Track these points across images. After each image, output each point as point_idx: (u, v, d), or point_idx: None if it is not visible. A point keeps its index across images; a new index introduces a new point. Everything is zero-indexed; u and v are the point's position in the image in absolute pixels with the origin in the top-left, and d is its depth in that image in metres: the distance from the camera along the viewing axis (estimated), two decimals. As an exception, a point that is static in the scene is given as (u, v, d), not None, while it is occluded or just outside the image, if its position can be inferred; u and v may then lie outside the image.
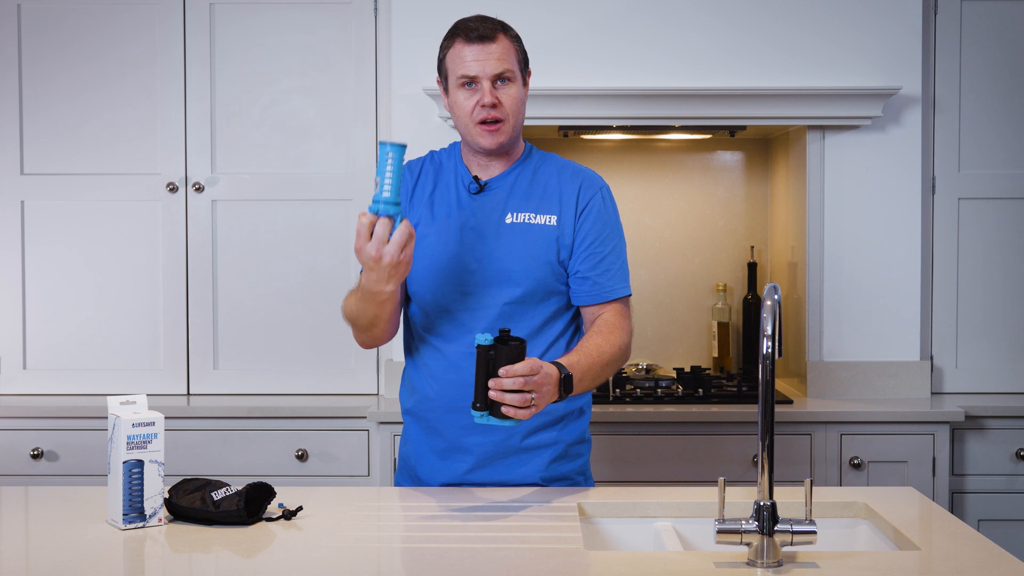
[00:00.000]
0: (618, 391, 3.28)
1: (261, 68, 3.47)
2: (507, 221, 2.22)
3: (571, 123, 3.32)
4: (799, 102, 3.27)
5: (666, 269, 3.78)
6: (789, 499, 1.99)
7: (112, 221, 3.49)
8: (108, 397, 1.92)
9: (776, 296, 1.71)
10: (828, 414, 3.12)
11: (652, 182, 3.77)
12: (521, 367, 1.90)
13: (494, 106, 2.16)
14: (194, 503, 1.92)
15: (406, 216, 2.26)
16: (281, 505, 1.97)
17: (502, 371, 1.90)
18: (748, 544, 1.70)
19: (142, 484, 1.89)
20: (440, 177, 2.29)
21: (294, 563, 1.73)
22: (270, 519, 1.95)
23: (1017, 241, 3.46)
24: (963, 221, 3.45)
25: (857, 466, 3.12)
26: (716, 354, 3.67)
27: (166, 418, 2.72)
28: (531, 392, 1.91)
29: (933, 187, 3.45)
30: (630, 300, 2.28)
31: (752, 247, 3.76)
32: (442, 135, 3.31)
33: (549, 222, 2.22)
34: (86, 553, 1.76)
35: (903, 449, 3.13)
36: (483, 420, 1.94)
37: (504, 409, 1.91)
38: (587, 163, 2.90)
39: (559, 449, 2.24)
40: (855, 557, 1.74)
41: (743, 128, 3.39)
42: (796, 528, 1.68)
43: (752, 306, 3.66)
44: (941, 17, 3.43)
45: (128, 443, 1.88)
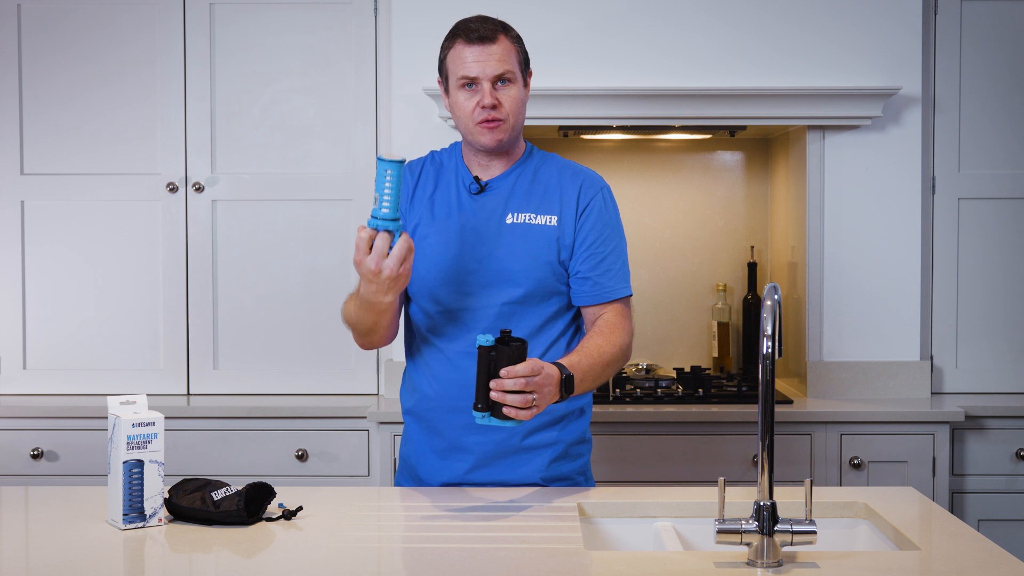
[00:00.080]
0: (618, 391, 3.28)
1: (261, 68, 3.47)
2: (507, 221, 2.22)
3: (571, 123, 3.32)
4: (799, 102, 3.27)
5: (666, 269, 3.77)
6: (789, 499, 1.99)
7: (112, 221, 3.49)
8: (108, 397, 1.92)
9: (776, 296, 1.71)
10: (828, 414, 3.12)
11: (652, 182, 3.77)
12: (522, 368, 1.90)
13: (494, 107, 2.17)
14: (194, 503, 1.92)
15: (406, 221, 2.27)
16: (281, 505, 1.97)
17: (503, 372, 1.90)
18: (748, 544, 1.70)
19: (142, 484, 1.89)
20: (441, 177, 2.29)
21: (294, 563, 1.73)
22: (270, 519, 1.95)
23: (1017, 241, 3.46)
24: (963, 221, 3.45)
25: (857, 466, 3.12)
26: (716, 354, 3.67)
27: (166, 418, 2.72)
28: (532, 393, 1.91)
29: (933, 187, 3.45)
30: (631, 300, 2.28)
31: (752, 247, 3.76)
32: (442, 135, 3.31)
33: (550, 222, 2.22)
34: (86, 553, 1.76)
35: (903, 449, 3.13)
36: (484, 421, 1.94)
37: (505, 410, 1.91)
38: (587, 163, 2.90)
39: (559, 449, 2.24)
40: (855, 557, 1.74)
41: (743, 128, 3.39)
42: (796, 528, 1.68)
43: (752, 306, 3.66)
44: (941, 17, 3.43)
45: (128, 443, 1.88)
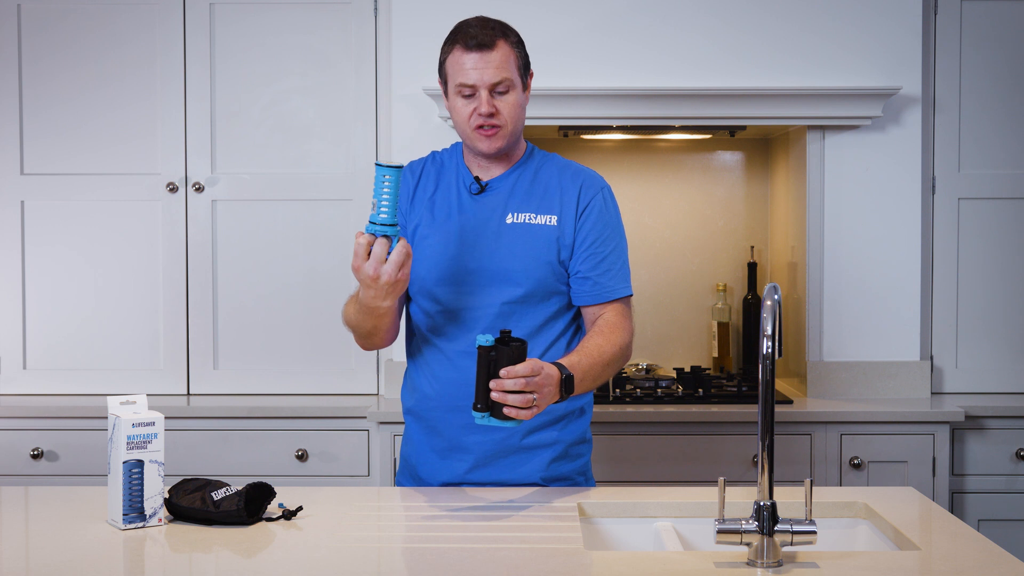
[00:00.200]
0: (618, 391, 3.28)
1: (261, 68, 3.47)
2: (508, 221, 2.22)
3: (571, 123, 3.32)
4: (799, 102, 3.27)
5: (666, 269, 3.77)
6: (789, 499, 1.99)
7: (112, 221, 3.49)
8: (108, 397, 1.92)
9: (776, 296, 1.71)
10: (828, 414, 3.12)
11: (652, 182, 3.77)
12: (522, 368, 1.90)
13: (492, 115, 2.17)
14: (194, 503, 1.92)
15: (407, 221, 2.27)
16: (281, 505, 1.97)
17: (503, 372, 1.90)
18: (748, 544, 1.70)
19: (142, 484, 1.89)
20: (442, 178, 2.29)
21: (294, 563, 1.73)
22: (270, 519, 1.95)
23: (1017, 241, 3.46)
24: (963, 221, 3.45)
25: (857, 466, 3.12)
26: (716, 354, 3.67)
27: (166, 418, 2.72)
28: (532, 393, 1.91)
29: (933, 187, 3.45)
30: (631, 300, 2.28)
31: (752, 247, 3.76)
32: (442, 135, 3.31)
33: (549, 222, 2.22)
34: (86, 553, 1.76)
35: (903, 449, 3.13)
36: (484, 421, 1.94)
37: (506, 410, 1.91)
38: (587, 163, 2.89)
39: (559, 449, 2.24)
40: (855, 557, 1.74)
41: (743, 128, 3.39)
42: (796, 528, 1.68)
43: (752, 306, 3.66)
44: (941, 17, 3.43)
45: (128, 443, 1.88)
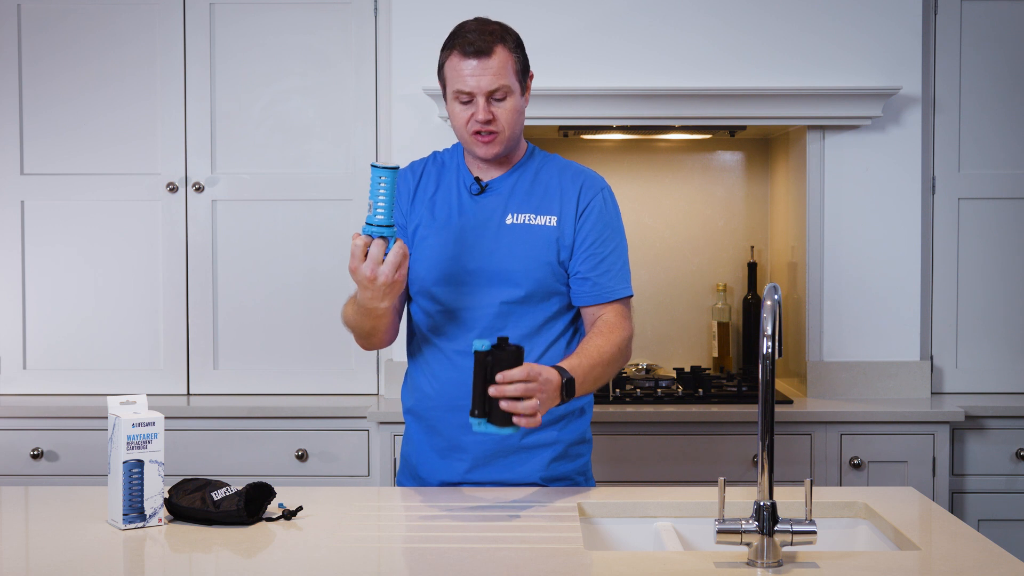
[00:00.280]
0: (618, 391, 3.28)
1: (261, 68, 3.47)
2: (507, 222, 2.22)
3: (571, 123, 3.32)
4: (799, 102, 3.27)
5: (666, 269, 3.77)
6: (789, 499, 1.99)
7: (112, 221, 3.49)
8: (108, 397, 1.92)
9: (776, 296, 1.71)
10: (828, 414, 3.12)
11: (652, 182, 3.77)
12: (518, 372, 1.90)
13: (488, 122, 2.17)
14: (194, 503, 1.92)
15: (407, 221, 2.27)
16: (281, 505, 1.97)
17: (499, 377, 1.90)
18: (748, 544, 1.70)
19: (142, 484, 1.89)
20: (442, 178, 2.29)
21: (294, 563, 1.73)
22: (270, 519, 1.95)
23: (1017, 241, 3.46)
24: (963, 221, 3.45)
25: (857, 466, 3.12)
26: (716, 354, 3.67)
27: (166, 418, 2.72)
28: (532, 398, 1.92)
29: (933, 187, 3.45)
30: (631, 301, 2.28)
31: (752, 247, 3.76)
32: (442, 135, 3.31)
33: (549, 223, 2.22)
34: (86, 553, 1.76)
35: (903, 449, 3.13)
36: (481, 428, 1.94)
37: (515, 418, 1.91)
38: (587, 163, 2.90)
39: (559, 449, 2.24)
40: (855, 557, 1.74)
41: (743, 128, 3.39)
42: (796, 528, 1.68)
43: (752, 306, 3.66)
44: (941, 17, 3.43)
45: (128, 443, 1.88)
